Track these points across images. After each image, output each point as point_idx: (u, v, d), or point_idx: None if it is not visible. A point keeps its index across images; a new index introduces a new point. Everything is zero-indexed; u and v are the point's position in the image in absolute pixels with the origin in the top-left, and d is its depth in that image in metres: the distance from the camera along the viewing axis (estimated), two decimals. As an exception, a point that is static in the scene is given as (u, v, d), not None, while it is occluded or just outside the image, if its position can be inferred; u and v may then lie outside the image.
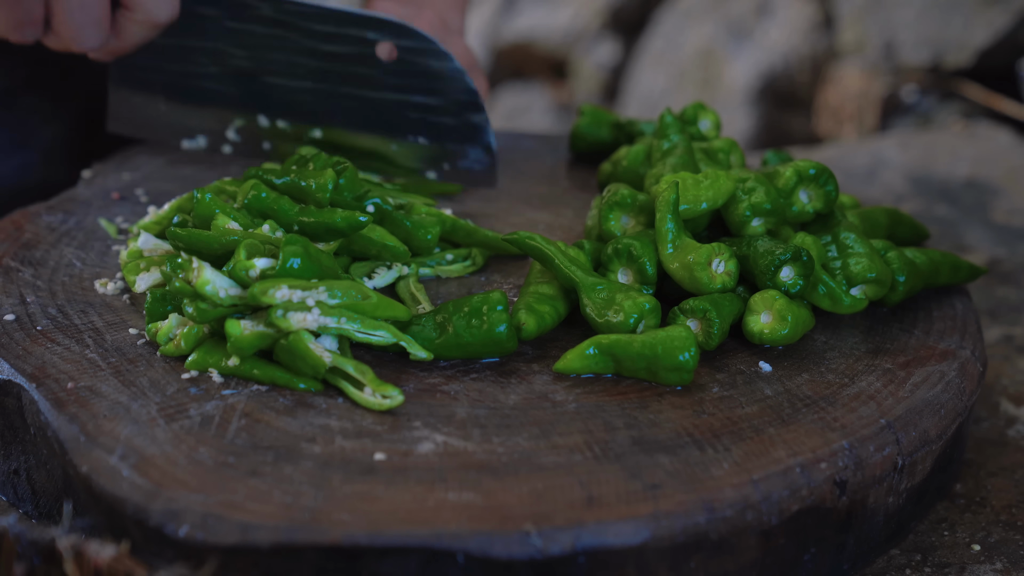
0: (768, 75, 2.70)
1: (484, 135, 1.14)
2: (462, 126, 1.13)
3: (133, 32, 1.05)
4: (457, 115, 1.13)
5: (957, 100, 2.19)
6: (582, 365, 0.90)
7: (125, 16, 1.03)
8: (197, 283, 0.87)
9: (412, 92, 1.12)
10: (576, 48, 3.24)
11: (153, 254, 1.00)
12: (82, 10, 1.00)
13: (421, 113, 1.13)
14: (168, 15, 1.04)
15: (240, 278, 0.88)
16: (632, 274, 0.98)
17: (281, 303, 0.86)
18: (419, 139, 1.14)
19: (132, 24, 1.04)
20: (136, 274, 0.98)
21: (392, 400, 0.85)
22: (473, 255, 1.06)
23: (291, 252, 0.88)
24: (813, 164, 1.01)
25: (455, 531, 0.74)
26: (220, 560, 0.74)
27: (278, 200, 0.98)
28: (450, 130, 1.13)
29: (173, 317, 0.91)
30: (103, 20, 1.01)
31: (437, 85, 1.12)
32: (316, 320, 0.86)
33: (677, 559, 0.78)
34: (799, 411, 0.87)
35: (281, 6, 1.10)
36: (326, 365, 0.86)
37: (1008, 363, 1.17)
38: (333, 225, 0.96)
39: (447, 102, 1.12)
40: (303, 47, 1.11)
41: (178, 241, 0.94)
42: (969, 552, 0.91)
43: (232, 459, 0.80)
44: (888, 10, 2.34)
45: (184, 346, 0.89)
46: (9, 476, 0.89)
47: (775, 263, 0.94)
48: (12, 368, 0.88)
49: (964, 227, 1.46)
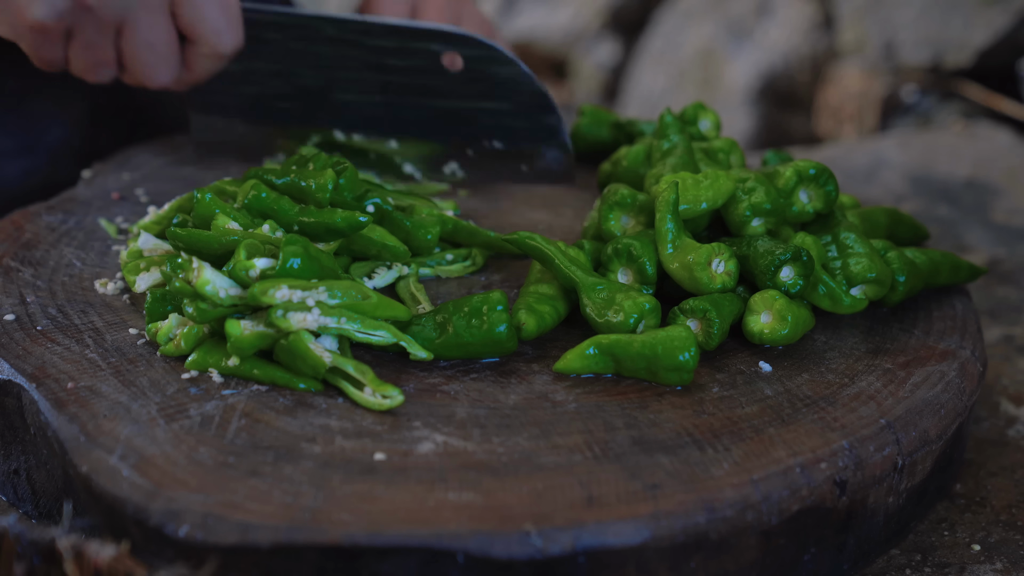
0: (768, 75, 2.70)
1: (559, 134, 1.15)
2: (536, 128, 1.15)
3: (203, 65, 1.08)
4: (529, 118, 1.14)
5: (957, 100, 2.19)
6: (582, 365, 0.90)
7: (193, 51, 1.07)
8: (197, 283, 0.87)
9: (482, 99, 1.14)
10: (576, 48, 3.24)
11: (153, 254, 1.00)
12: (150, 50, 1.03)
13: (494, 118, 1.15)
14: (233, 46, 1.07)
15: (240, 278, 0.88)
16: (632, 274, 0.98)
17: (281, 303, 0.86)
18: (494, 143, 1.15)
19: (200, 58, 1.07)
20: (136, 274, 0.98)
21: (392, 400, 0.85)
22: (473, 255, 1.06)
23: (291, 252, 0.88)
24: (813, 164, 1.01)
25: (455, 531, 0.74)
26: (220, 560, 0.74)
27: (278, 200, 0.98)
28: (524, 132, 1.15)
29: (173, 317, 0.91)
30: (171, 57, 1.05)
31: (505, 90, 1.14)
32: (316, 320, 0.86)
33: (677, 559, 0.78)
34: (799, 411, 0.87)
35: (343, 25, 1.12)
36: (326, 365, 0.86)
37: (1008, 363, 1.17)
38: (333, 225, 0.96)
39: (518, 106, 1.14)
40: (369, 63, 1.13)
41: (178, 241, 0.94)
42: (969, 552, 0.91)
43: (232, 459, 0.80)
44: (888, 10, 2.34)
45: (184, 346, 0.89)
46: (9, 476, 0.89)
47: (775, 263, 0.94)
48: (12, 368, 0.88)
49: (964, 227, 1.46)
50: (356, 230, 0.97)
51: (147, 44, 1.03)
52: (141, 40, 1.03)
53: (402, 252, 1.00)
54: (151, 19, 1.02)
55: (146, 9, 1.02)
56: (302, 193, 1.00)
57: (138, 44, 1.03)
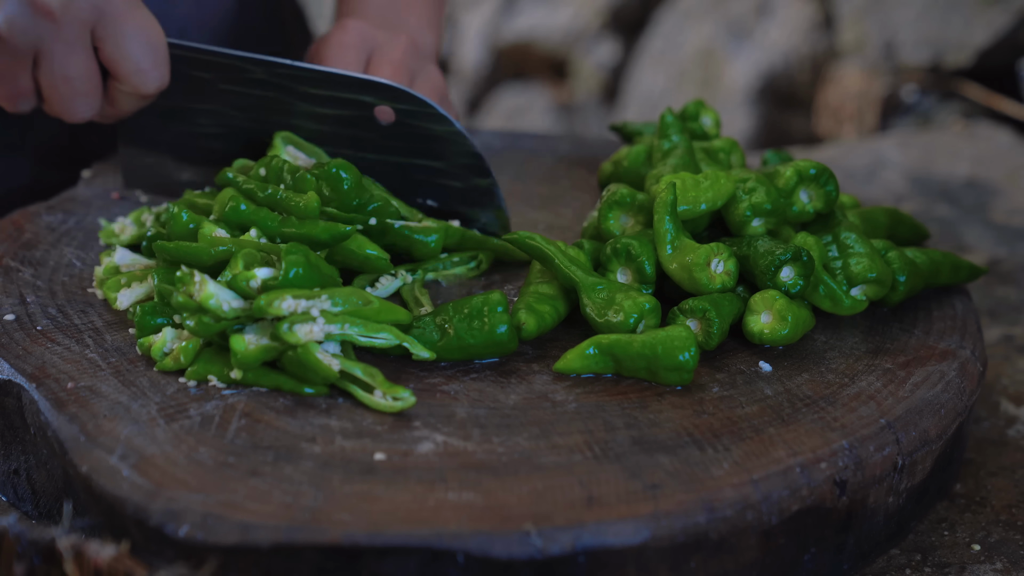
0: (768, 75, 2.70)
1: (494, 198, 1.11)
2: (470, 189, 1.11)
3: (125, 101, 1.05)
4: (464, 179, 1.10)
5: (957, 100, 2.19)
6: (582, 365, 0.90)
7: (115, 87, 1.04)
8: (201, 298, 0.86)
9: (415, 156, 1.10)
10: (576, 48, 3.24)
11: (131, 269, 0.98)
12: (67, 83, 1.00)
13: (427, 176, 1.11)
14: (156, 86, 1.04)
15: (242, 289, 0.87)
16: (631, 273, 0.98)
17: (288, 315, 0.85)
18: (428, 201, 1.12)
19: (123, 95, 1.04)
20: (117, 290, 0.96)
21: (404, 401, 0.85)
22: (479, 258, 1.05)
23: (293, 261, 0.88)
24: (813, 164, 1.01)
25: (455, 531, 0.74)
26: (220, 560, 0.74)
27: (258, 212, 0.97)
28: (458, 193, 1.11)
29: (167, 331, 0.90)
30: (92, 92, 1.02)
31: (439, 148, 1.09)
32: (322, 330, 0.86)
33: (677, 559, 0.78)
34: (799, 411, 0.87)
35: (273, 69, 1.08)
36: (336, 374, 0.86)
37: (1008, 363, 1.17)
38: (316, 237, 0.95)
39: (451, 166, 1.10)
40: (300, 110, 1.09)
41: (166, 254, 0.93)
42: (969, 552, 0.91)
43: (232, 459, 0.80)
44: (888, 10, 2.34)
45: (184, 360, 0.88)
46: (9, 476, 0.89)
47: (775, 263, 0.94)
48: (12, 368, 0.88)
49: (964, 227, 1.46)
50: (340, 241, 0.96)
51: (64, 77, 1.00)
52: (58, 73, 1.00)
53: (384, 263, 0.99)
54: (68, 52, 0.99)
55: (63, 42, 0.98)
56: (287, 210, 0.98)
57: (55, 76, 1.00)
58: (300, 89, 1.08)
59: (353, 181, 1.00)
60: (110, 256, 1.00)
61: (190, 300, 0.87)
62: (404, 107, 1.07)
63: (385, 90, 1.07)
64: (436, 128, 1.08)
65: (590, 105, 3.22)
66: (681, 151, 1.07)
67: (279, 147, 1.06)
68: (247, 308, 0.87)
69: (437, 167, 1.10)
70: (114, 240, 1.05)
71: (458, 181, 1.10)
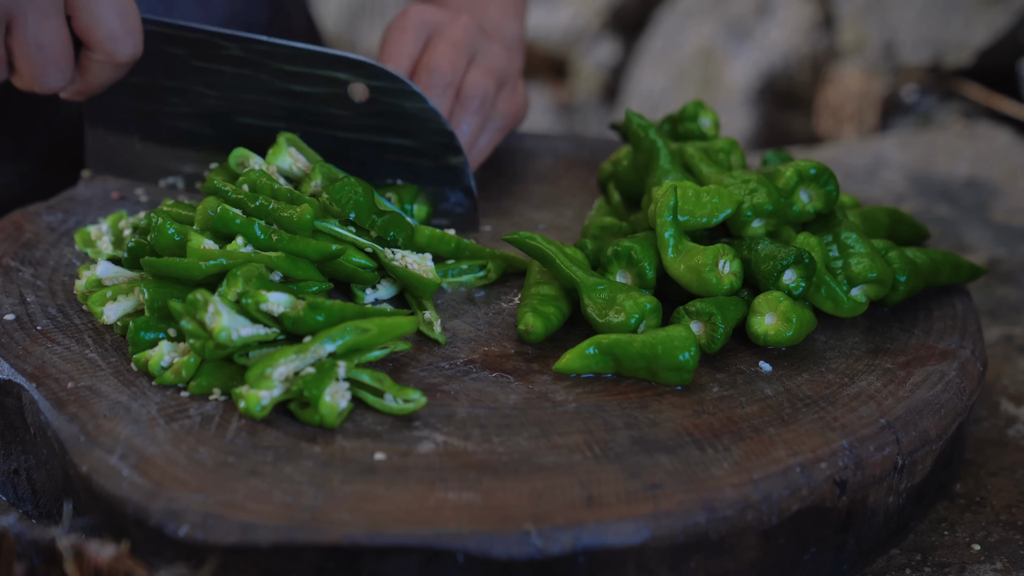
0: (768, 75, 2.70)
1: (463, 178, 1.10)
2: (440, 169, 1.10)
3: (97, 72, 1.03)
4: (435, 157, 1.09)
5: (957, 100, 2.19)
6: (582, 365, 0.90)
7: (87, 56, 1.02)
8: (214, 330, 0.85)
9: (387, 134, 1.09)
10: (576, 48, 3.24)
11: (115, 282, 0.96)
12: (40, 51, 0.99)
13: (398, 155, 1.10)
14: (130, 54, 1.02)
15: (253, 315, 0.86)
16: (631, 278, 0.98)
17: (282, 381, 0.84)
18: (397, 181, 1.11)
19: (95, 64, 1.02)
20: (103, 304, 0.94)
21: (415, 403, 0.85)
22: (488, 268, 1.05)
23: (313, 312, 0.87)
24: (814, 164, 1.01)
25: (455, 531, 0.74)
26: (220, 560, 0.74)
27: (247, 224, 0.95)
28: (428, 172, 1.10)
29: (164, 345, 0.88)
30: (63, 61, 1.00)
31: (411, 127, 1.08)
32: (346, 393, 0.85)
33: (677, 559, 0.78)
34: (799, 411, 0.87)
35: (248, 46, 1.06)
36: (347, 412, 0.85)
37: (1008, 363, 1.17)
38: (305, 254, 0.94)
39: (423, 144, 1.09)
40: (274, 87, 1.08)
41: (155, 271, 0.92)
42: (969, 552, 0.91)
43: (232, 459, 0.80)
44: (888, 10, 2.34)
45: (185, 375, 0.87)
46: (9, 476, 0.89)
47: (778, 267, 0.94)
48: (12, 368, 0.88)
49: (964, 227, 1.46)
50: (329, 260, 0.95)
51: (37, 44, 0.98)
52: (31, 40, 0.98)
53: (371, 276, 0.98)
54: (41, 18, 0.97)
55: (36, 8, 0.97)
56: (279, 222, 0.97)
57: (28, 43, 0.98)
58: (274, 66, 1.07)
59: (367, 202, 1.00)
60: (90, 269, 0.97)
61: (199, 329, 0.85)
62: (378, 84, 1.06)
63: (359, 66, 1.06)
64: (408, 106, 1.07)
65: (590, 105, 3.22)
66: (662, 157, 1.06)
67: (282, 147, 1.06)
68: (257, 335, 0.86)
69: (408, 145, 1.09)
70: (90, 250, 1.04)
71: (429, 160, 1.09)
